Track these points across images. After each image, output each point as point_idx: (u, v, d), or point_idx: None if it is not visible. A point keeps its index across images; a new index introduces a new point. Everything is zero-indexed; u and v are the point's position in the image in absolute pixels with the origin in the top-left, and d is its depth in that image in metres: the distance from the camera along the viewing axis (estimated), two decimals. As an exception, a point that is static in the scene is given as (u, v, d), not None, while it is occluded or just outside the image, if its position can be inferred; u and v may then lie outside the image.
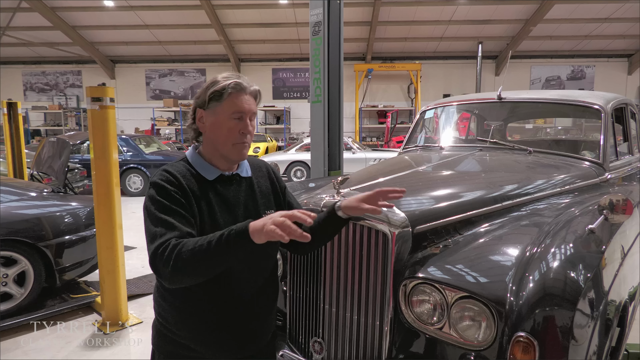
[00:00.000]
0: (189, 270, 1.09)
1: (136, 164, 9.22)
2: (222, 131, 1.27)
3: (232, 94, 1.25)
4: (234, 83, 1.25)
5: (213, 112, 1.27)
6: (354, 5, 14.14)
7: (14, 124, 5.76)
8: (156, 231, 1.15)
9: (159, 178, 1.23)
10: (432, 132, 3.53)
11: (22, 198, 3.59)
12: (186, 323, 1.28)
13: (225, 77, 1.28)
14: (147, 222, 1.19)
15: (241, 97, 1.26)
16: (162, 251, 1.10)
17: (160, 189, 1.21)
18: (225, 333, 1.30)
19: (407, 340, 1.54)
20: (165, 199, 1.19)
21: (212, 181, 1.30)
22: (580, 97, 2.96)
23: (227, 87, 1.25)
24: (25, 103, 17.73)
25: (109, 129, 3.07)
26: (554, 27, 15.57)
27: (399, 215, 1.61)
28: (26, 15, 14.47)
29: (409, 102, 18.01)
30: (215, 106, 1.27)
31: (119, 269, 3.18)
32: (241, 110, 1.26)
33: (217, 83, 1.27)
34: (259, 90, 1.34)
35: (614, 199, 1.72)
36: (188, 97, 18.31)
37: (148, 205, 1.21)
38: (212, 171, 1.31)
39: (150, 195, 1.22)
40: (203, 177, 1.29)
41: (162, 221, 1.16)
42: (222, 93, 1.25)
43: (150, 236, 1.16)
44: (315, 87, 4.52)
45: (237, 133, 1.27)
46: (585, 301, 1.37)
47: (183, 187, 1.23)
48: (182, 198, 1.21)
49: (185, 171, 1.27)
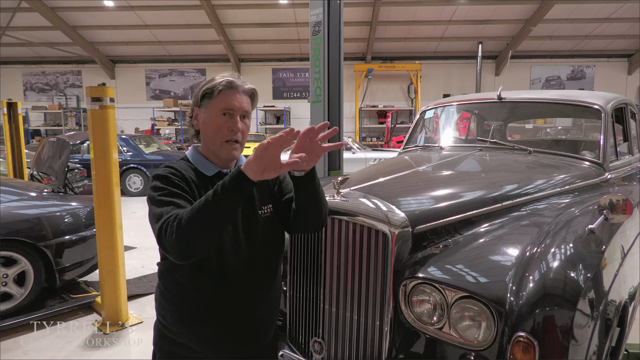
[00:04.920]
0: (193, 232, 1.06)
1: (136, 164, 9.22)
2: (212, 128, 1.28)
3: (223, 91, 1.26)
4: (226, 81, 1.27)
5: (205, 110, 1.29)
6: (354, 5, 14.14)
7: (14, 124, 5.76)
8: (161, 211, 1.14)
9: (161, 171, 1.25)
10: (432, 132, 3.52)
11: (22, 198, 3.59)
12: (187, 322, 1.27)
13: (220, 76, 1.30)
14: (152, 208, 1.18)
15: (232, 94, 1.27)
16: (166, 225, 1.10)
17: (162, 178, 1.22)
18: (227, 333, 1.29)
19: (407, 340, 1.54)
20: (168, 185, 1.20)
21: (211, 177, 1.31)
22: (581, 97, 2.96)
23: (218, 85, 1.27)
24: (25, 103, 17.73)
25: (109, 129, 3.07)
26: (554, 27, 15.57)
27: (399, 215, 1.61)
28: (26, 15, 14.46)
29: (409, 102, 18.00)
30: (207, 103, 1.28)
31: (119, 269, 3.17)
32: (230, 107, 1.27)
33: (211, 81, 1.29)
34: (254, 89, 1.33)
35: (614, 199, 1.72)
36: (188, 97, 18.31)
37: (151, 195, 1.21)
38: (210, 168, 1.32)
39: (153, 185, 1.22)
40: (202, 173, 1.30)
41: (166, 203, 1.16)
42: (214, 90, 1.27)
43: (155, 218, 1.15)
44: (315, 87, 4.52)
45: (226, 130, 1.27)
46: (585, 301, 1.37)
47: (185, 177, 1.24)
48: (185, 186, 1.22)
49: (186, 167, 1.29)
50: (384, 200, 1.69)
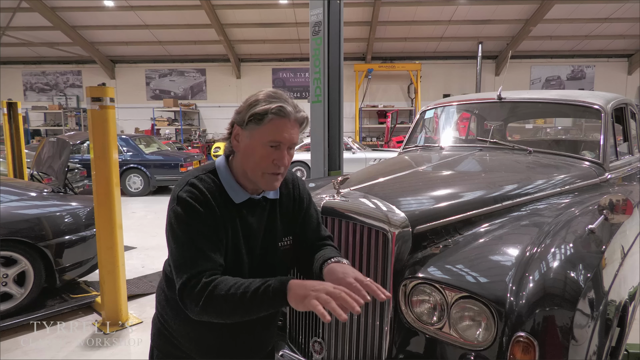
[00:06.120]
0: (218, 314, 1.07)
1: (136, 164, 9.23)
2: (254, 157, 1.15)
3: (274, 120, 1.12)
4: (278, 108, 1.12)
5: (250, 134, 1.15)
6: (354, 5, 14.14)
7: (14, 124, 5.76)
8: (185, 258, 1.09)
9: (187, 194, 1.13)
10: (432, 132, 3.53)
11: (22, 198, 3.59)
12: (191, 333, 1.26)
13: (268, 98, 1.14)
14: (173, 243, 1.12)
15: (283, 124, 1.13)
16: (192, 286, 1.06)
17: (189, 208, 1.11)
18: (232, 343, 1.28)
19: (407, 340, 1.54)
20: (194, 219, 1.11)
21: (239, 204, 1.21)
22: (581, 97, 2.96)
23: (269, 111, 1.12)
24: (25, 103, 17.71)
25: (109, 129, 3.07)
26: (554, 27, 15.56)
27: (399, 215, 1.61)
28: (26, 15, 14.45)
29: (409, 102, 17.99)
30: (254, 129, 1.14)
31: (119, 269, 3.18)
32: (280, 140, 1.13)
33: (258, 103, 1.13)
34: (307, 118, 1.20)
35: (614, 199, 1.72)
36: (188, 97, 18.31)
37: (174, 224, 1.12)
38: (240, 194, 1.21)
39: (177, 212, 1.12)
40: (231, 198, 1.19)
41: (192, 247, 1.10)
42: (264, 117, 1.12)
43: (178, 262, 1.10)
44: (315, 87, 4.52)
45: (269, 162, 1.15)
46: (585, 301, 1.37)
47: (212, 208, 1.14)
48: (211, 221, 1.13)
49: (214, 189, 1.17)
50: (384, 200, 1.69)
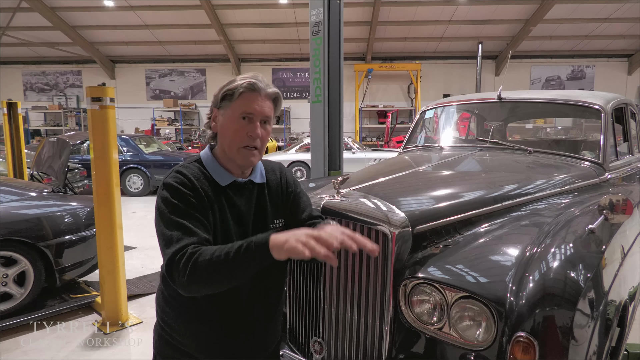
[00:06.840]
0: (205, 280, 1.05)
1: (136, 164, 9.23)
2: (229, 132, 1.21)
3: (244, 94, 1.19)
4: (248, 82, 1.19)
5: (224, 112, 1.22)
6: (354, 5, 14.14)
7: (14, 124, 5.76)
8: (172, 235, 1.10)
9: (172, 179, 1.17)
10: (432, 132, 3.53)
11: (22, 198, 3.59)
12: (192, 332, 1.25)
13: (242, 77, 1.22)
14: (161, 225, 1.14)
15: (254, 97, 1.20)
16: (178, 259, 1.06)
17: (174, 191, 1.15)
18: (232, 344, 1.26)
19: (407, 340, 1.54)
20: (179, 201, 1.14)
21: (225, 187, 1.24)
22: (581, 97, 2.96)
23: (239, 86, 1.19)
24: (25, 103, 17.70)
25: (109, 129, 3.07)
26: (554, 27, 15.56)
27: (399, 215, 1.61)
28: (26, 15, 14.45)
29: (409, 102, 17.99)
30: (227, 106, 1.21)
31: (119, 269, 3.17)
32: (250, 111, 1.19)
33: (232, 82, 1.22)
34: (278, 93, 1.25)
35: (614, 199, 1.72)
36: (188, 97, 18.31)
37: (161, 207, 1.15)
38: (225, 176, 1.24)
39: (164, 196, 1.16)
40: (216, 181, 1.23)
41: (178, 225, 1.11)
42: (234, 92, 1.19)
43: (165, 240, 1.11)
44: (315, 87, 4.52)
45: (244, 135, 1.20)
46: (585, 301, 1.37)
47: (197, 190, 1.17)
48: (197, 201, 1.16)
49: (199, 174, 1.21)
50: (384, 200, 1.69)
